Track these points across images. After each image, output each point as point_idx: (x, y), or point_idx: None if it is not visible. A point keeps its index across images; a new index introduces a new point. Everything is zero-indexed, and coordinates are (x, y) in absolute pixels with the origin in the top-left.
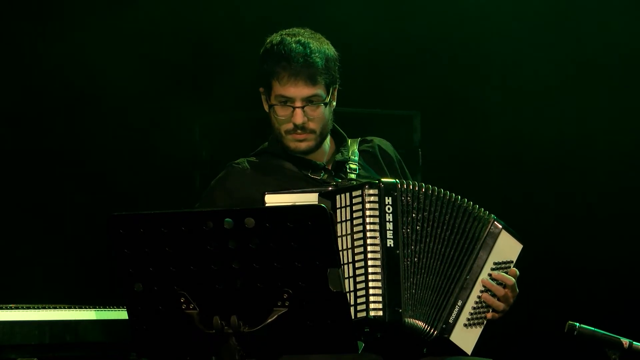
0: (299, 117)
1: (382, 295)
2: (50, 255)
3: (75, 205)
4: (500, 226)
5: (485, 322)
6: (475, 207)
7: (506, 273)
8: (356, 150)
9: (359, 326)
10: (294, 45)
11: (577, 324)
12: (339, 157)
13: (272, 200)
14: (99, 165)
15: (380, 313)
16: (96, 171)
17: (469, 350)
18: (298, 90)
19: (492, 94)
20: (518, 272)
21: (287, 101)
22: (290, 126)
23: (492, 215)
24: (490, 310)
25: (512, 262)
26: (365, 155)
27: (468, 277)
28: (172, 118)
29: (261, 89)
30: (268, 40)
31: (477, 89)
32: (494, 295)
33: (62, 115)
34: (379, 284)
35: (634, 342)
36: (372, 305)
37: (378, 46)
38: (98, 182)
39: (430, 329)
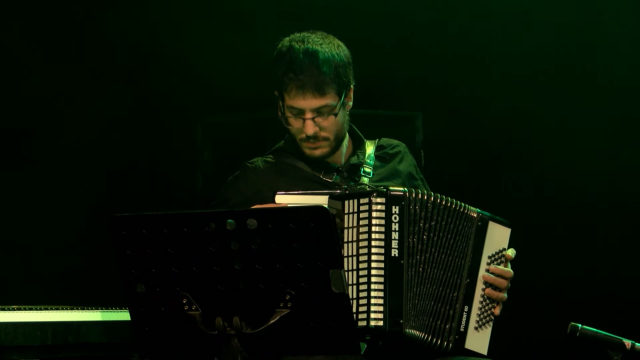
0: (309, 128)
1: (384, 305)
2: (52, 256)
3: (77, 206)
4: (486, 218)
5: (493, 318)
6: (462, 205)
7: (502, 260)
8: (372, 154)
9: (361, 334)
10: (301, 55)
11: (580, 325)
12: (354, 160)
13: (283, 200)
14: (101, 166)
15: (381, 323)
16: (99, 172)
17: (484, 351)
18: (307, 103)
19: (494, 94)
20: (515, 252)
21: (297, 112)
22: (303, 135)
23: (477, 209)
24: (496, 305)
25: (504, 248)
26: (381, 160)
27: (469, 280)
28: (174, 118)
29: (276, 92)
30: (278, 46)
31: (480, 89)
32: (496, 288)
33: (63, 114)
34: (381, 294)
35: (636, 343)
36: (372, 315)
37: (380, 47)
38: (100, 183)
39: (442, 342)
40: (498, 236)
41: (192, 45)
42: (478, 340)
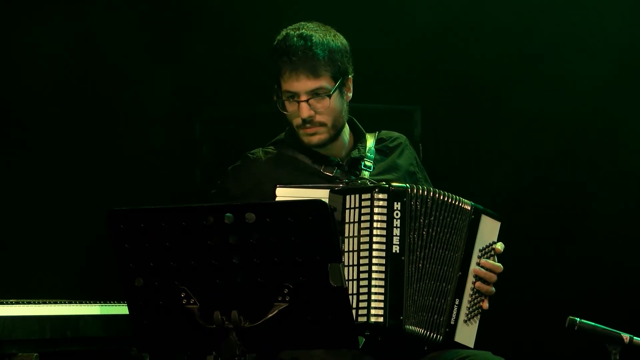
0: (304, 111)
1: (384, 301)
2: (50, 250)
3: (76, 201)
4: (479, 211)
5: (481, 311)
6: (457, 198)
7: (492, 253)
8: (372, 147)
9: (360, 329)
10: (295, 39)
11: (578, 319)
12: (354, 153)
13: (283, 193)
14: (100, 160)
15: (381, 319)
16: (98, 166)
17: (471, 344)
18: (301, 84)
19: (492, 87)
20: (503, 245)
21: (293, 96)
22: (299, 121)
23: (470, 201)
24: (484, 298)
25: (494, 242)
26: (382, 153)
27: (460, 273)
28: (173, 113)
29: (275, 86)
30: (276, 37)
31: (478, 82)
32: (485, 282)
33: (62, 111)
34: (382, 290)
35: (634, 337)
36: (373, 311)
37: (378, 40)
38: (99, 177)
39: (434, 335)
40: (489, 229)
41: (191, 41)
42: (466, 333)
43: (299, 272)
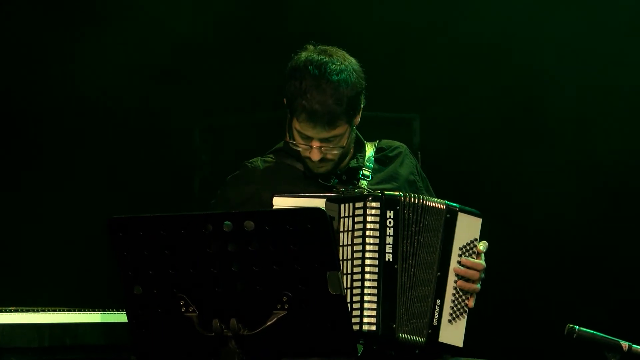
0: (316, 155)
1: (377, 309)
2: (49, 258)
3: (75, 208)
4: (455, 209)
5: (467, 310)
6: (430, 199)
7: (473, 251)
8: (372, 156)
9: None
10: (315, 85)
11: (577, 327)
12: (353, 163)
13: (280, 203)
14: (99, 167)
15: (374, 327)
16: (97, 174)
17: (459, 343)
18: (316, 132)
19: (491, 95)
20: (487, 244)
21: (305, 137)
22: (308, 154)
23: (445, 200)
24: (469, 297)
25: (476, 239)
26: (381, 163)
27: (439, 273)
28: (172, 121)
29: (284, 101)
30: (294, 60)
31: (476, 91)
32: (468, 280)
33: (62, 117)
34: (374, 299)
35: (633, 345)
36: (365, 320)
37: (376, 49)
38: (99, 185)
39: (418, 338)
40: (468, 227)
41: (190, 48)
42: (452, 332)
43: (298, 280)
